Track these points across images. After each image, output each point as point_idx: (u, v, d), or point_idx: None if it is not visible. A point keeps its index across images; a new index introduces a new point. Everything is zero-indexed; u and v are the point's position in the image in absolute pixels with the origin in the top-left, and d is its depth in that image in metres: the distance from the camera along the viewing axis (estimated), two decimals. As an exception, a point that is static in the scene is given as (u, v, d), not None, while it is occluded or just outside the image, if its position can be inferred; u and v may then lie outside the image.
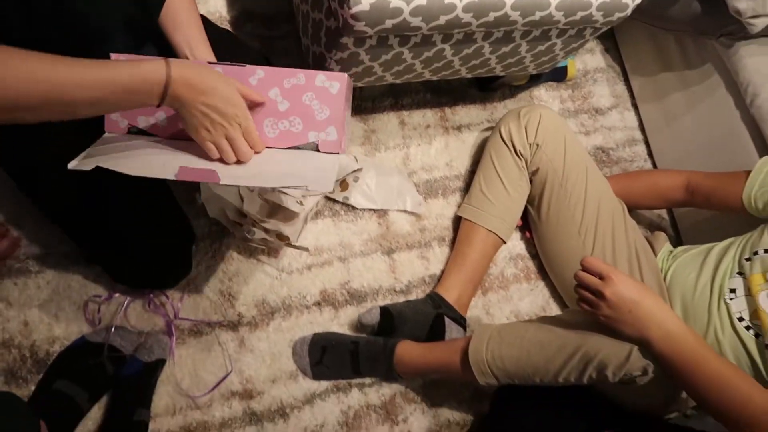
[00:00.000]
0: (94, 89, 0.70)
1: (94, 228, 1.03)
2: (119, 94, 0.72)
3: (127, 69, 0.72)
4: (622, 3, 1.17)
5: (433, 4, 1.01)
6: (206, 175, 0.81)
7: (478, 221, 1.39)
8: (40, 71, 0.66)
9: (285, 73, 0.90)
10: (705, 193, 1.34)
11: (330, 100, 0.90)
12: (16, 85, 0.64)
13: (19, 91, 0.65)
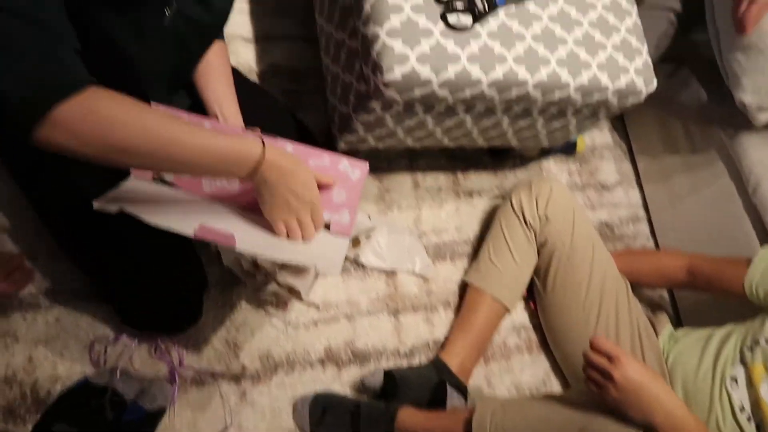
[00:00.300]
0: (194, 152, 0.73)
1: (109, 267, 1.04)
2: (213, 162, 0.75)
3: (227, 141, 0.76)
4: (637, 90, 1.22)
5: (460, 77, 1.05)
6: (224, 239, 0.82)
7: (485, 288, 1.40)
8: (156, 125, 0.70)
9: (312, 153, 0.93)
10: (706, 276, 1.36)
11: (348, 185, 0.94)
12: (134, 133, 0.68)
13: (133, 139, 0.68)
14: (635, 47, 1.23)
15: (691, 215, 1.64)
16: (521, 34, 1.11)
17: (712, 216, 1.59)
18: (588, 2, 1.21)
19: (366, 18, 1.04)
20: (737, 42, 1.33)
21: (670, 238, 1.71)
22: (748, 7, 1.23)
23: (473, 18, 1.07)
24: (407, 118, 1.17)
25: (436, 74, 1.03)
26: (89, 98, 0.65)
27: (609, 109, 1.29)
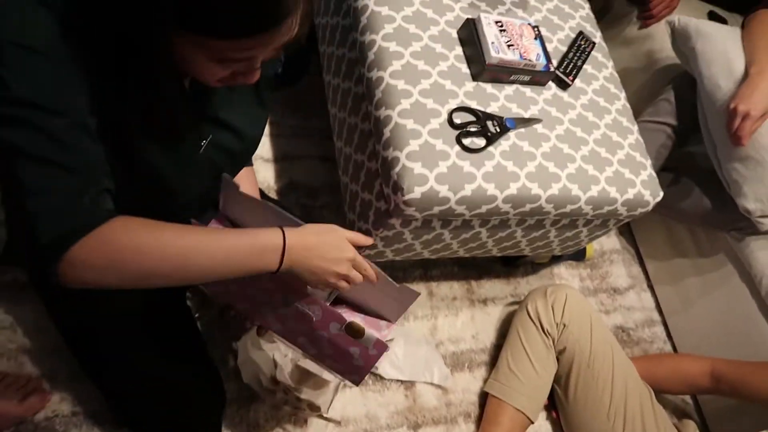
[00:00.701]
0: (218, 256, 0.74)
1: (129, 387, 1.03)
2: (240, 261, 0.76)
3: (248, 237, 0.77)
4: (644, 200, 1.28)
5: (476, 195, 1.10)
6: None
7: (506, 399, 1.38)
8: (173, 241, 0.71)
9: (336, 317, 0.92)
10: (731, 382, 1.35)
11: (367, 359, 0.92)
12: (152, 255, 0.69)
13: (152, 262, 0.69)
14: (639, 161, 1.30)
15: (705, 317, 1.65)
16: (532, 154, 1.17)
17: (726, 318, 1.59)
18: (591, 122, 1.28)
19: (386, 143, 1.11)
20: (735, 153, 1.40)
21: (687, 340, 1.70)
22: (742, 123, 1.31)
23: (486, 140, 1.13)
24: (425, 233, 1.21)
25: (454, 193, 1.08)
26: (103, 232, 0.67)
27: (618, 219, 1.33)
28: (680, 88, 1.63)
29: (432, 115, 1.13)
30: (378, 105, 1.15)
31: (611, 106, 1.34)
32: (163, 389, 1.03)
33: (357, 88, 1.26)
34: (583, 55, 1.35)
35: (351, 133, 1.28)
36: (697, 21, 1.51)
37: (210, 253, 0.73)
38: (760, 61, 1.38)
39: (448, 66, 1.20)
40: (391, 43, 1.18)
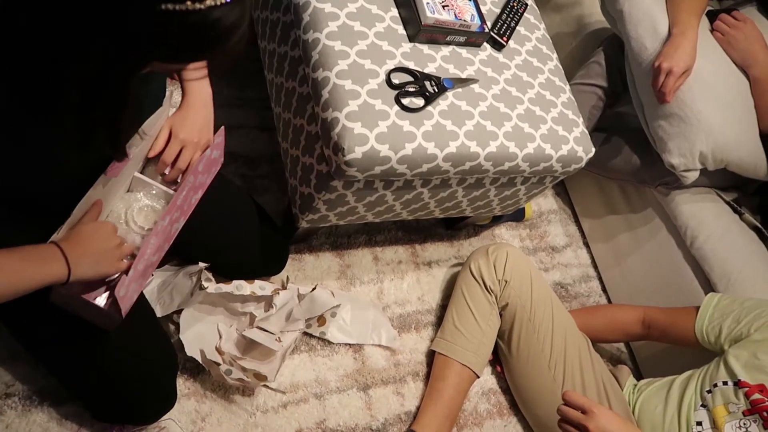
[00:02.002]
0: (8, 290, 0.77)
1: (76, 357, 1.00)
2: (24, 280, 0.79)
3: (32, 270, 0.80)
4: (578, 156, 1.32)
5: (417, 154, 1.11)
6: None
7: (452, 355, 1.41)
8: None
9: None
10: (660, 327, 1.43)
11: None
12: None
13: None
14: (572, 119, 1.34)
15: (637, 270, 1.74)
16: (470, 113, 1.19)
17: (656, 269, 1.68)
18: (525, 81, 1.31)
19: (325, 104, 1.10)
20: (660, 111, 1.46)
21: (621, 293, 1.79)
22: (666, 79, 1.37)
23: (425, 100, 1.14)
24: (368, 195, 1.22)
25: (395, 152, 1.09)
26: None
27: (554, 176, 1.38)
28: (609, 50, 1.69)
29: (370, 75, 1.13)
30: (315, 66, 1.13)
31: (544, 66, 1.37)
32: (113, 358, 1.00)
33: (294, 51, 1.24)
34: (516, 17, 1.38)
35: (289, 98, 1.26)
36: (624, -17, 1.56)
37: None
38: (682, 22, 1.44)
39: (384, 27, 1.20)
40: (326, 4, 1.17)
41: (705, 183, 1.59)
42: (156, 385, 1.07)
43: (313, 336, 1.39)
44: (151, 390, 1.06)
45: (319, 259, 1.50)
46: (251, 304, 1.30)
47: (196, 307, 1.25)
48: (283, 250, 1.37)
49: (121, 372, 1.01)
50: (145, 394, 1.06)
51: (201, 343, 1.23)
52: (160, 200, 1.06)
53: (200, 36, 0.60)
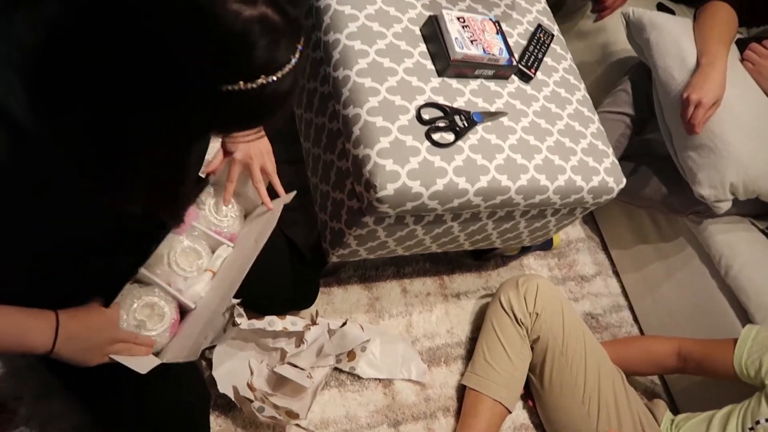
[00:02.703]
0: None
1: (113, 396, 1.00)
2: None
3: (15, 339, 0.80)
4: (609, 187, 1.31)
5: (448, 189, 1.11)
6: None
7: (483, 390, 1.39)
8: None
9: None
10: (696, 360, 1.40)
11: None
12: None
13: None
14: (602, 149, 1.33)
15: (669, 300, 1.70)
16: (500, 146, 1.19)
17: (689, 299, 1.64)
18: (554, 113, 1.31)
19: (356, 141, 1.10)
20: (689, 141, 1.45)
21: (653, 323, 1.76)
22: (695, 111, 1.36)
23: (455, 135, 1.15)
24: (398, 229, 1.21)
25: (426, 188, 1.09)
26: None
27: (585, 207, 1.36)
28: (636, 78, 1.68)
29: (400, 111, 1.13)
30: (346, 103, 1.14)
31: (572, 97, 1.37)
32: (147, 395, 1.00)
33: (323, 87, 1.25)
34: (543, 48, 1.38)
35: (319, 134, 1.27)
36: (650, 13, 1.56)
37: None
38: (711, 52, 1.43)
39: (413, 63, 1.21)
40: (355, 41, 1.18)
41: (738, 211, 1.56)
42: (190, 424, 1.07)
43: (342, 371, 1.38)
44: (185, 429, 1.06)
45: (348, 293, 1.49)
46: (282, 339, 1.30)
47: (228, 343, 1.25)
48: (313, 285, 1.37)
49: (156, 412, 1.01)
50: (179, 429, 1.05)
51: (233, 379, 1.23)
52: (201, 241, 1.07)
53: (252, 111, 0.61)
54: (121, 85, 0.57)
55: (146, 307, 0.97)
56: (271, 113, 0.63)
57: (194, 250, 1.05)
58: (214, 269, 1.06)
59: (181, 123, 0.61)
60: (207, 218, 1.09)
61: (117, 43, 0.55)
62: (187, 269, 1.02)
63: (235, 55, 0.56)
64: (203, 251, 1.06)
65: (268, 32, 0.57)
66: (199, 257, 1.05)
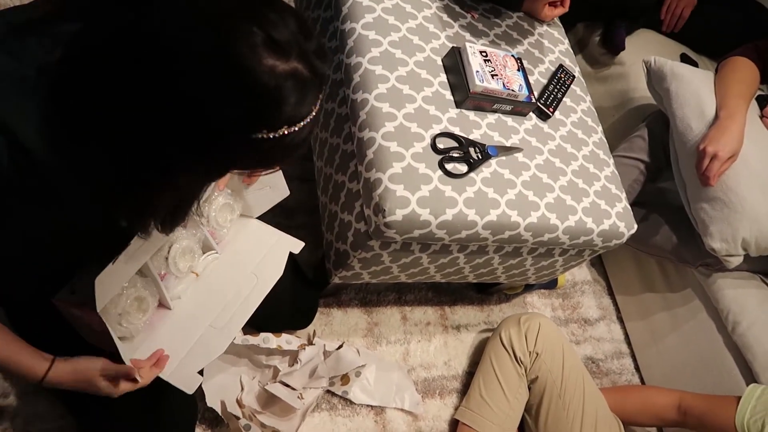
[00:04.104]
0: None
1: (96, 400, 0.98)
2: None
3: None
4: (619, 232, 1.30)
5: (457, 220, 1.10)
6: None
7: (477, 427, 1.36)
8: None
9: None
10: (697, 415, 1.36)
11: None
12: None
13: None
14: (615, 193, 1.32)
15: (673, 351, 1.67)
16: (512, 182, 1.18)
17: (694, 352, 1.61)
18: (570, 153, 1.31)
19: (369, 164, 1.10)
20: (703, 193, 1.43)
21: (655, 374, 1.72)
22: (711, 163, 1.35)
23: (468, 166, 1.14)
24: (403, 256, 1.20)
25: (435, 217, 1.08)
26: None
27: (593, 250, 1.35)
28: (654, 126, 1.68)
29: (416, 139, 1.13)
30: (362, 126, 1.15)
31: (589, 139, 1.37)
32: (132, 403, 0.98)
33: (341, 109, 1.26)
34: (563, 88, 1.38)
35: (332, 154, 1.28)
36: (672, 63, 1.57)
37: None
38: (730, 106, 1.43)
39: (432, 92, 1.21)
40: (377, 66, 1.19)
41: (749, 267, 1.54)
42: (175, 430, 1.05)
43: (335, 394, 1.36)
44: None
45: (347, 315, 1.48)
46: (276, 357, 1.28)
47: (221, 356, 1.23)
48: (312, 304, 1.36)
49: (140, 419, 0.99)
50: None
51: (222, 393, 1.21)
52: (198, 243, 1.06)
53: (271, 156, 0.64)
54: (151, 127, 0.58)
55: (136, 300, 0.95)
56: (288, 158, 0.65)
57: (191, 251, 1.04)
58: (197, 271, 1.05)
59: (206, 164, 0.63)
60: (211, 220, 1.08)
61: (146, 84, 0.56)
62: (182, 269, 1.02)
63: (267, 108, 0.58)
64: (197, 253, 1.05)
65: (299, 88, 0.59)
66: (192, 259, 1.04)
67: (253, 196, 1.13)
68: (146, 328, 0.99)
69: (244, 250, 1.12)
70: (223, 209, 1.07)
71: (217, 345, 0.98)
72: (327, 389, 1.34)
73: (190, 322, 1.01)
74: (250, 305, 1.03)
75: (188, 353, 0.96)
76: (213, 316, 1.01)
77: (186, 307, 1.03)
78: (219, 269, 1.08)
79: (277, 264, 1.09)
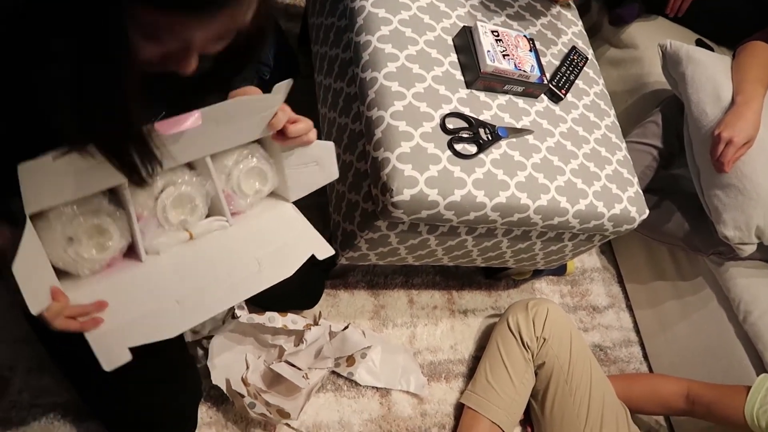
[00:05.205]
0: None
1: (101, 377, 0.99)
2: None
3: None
4: (630, 217, 1.28)
5: (465, 201, 1.09)
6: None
7: (482, 411, 1.36)
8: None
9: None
10: (706, 404, 1.35)
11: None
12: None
13: None
14: (626, 178, 1.30)
15: (683, 340, 1.65)
16: (522, 164, 1.17)
17: (703, 341, 1.60)
18: (581, 136, 1.29)
19: (377, 143, 1.09)
20: (717, 180, 1.41)
21: (663, 362, 1.71)
22: (725, 149, 1.32)
23: (478, 147, 1.13)
24: (411, 237, 1.19)
25: (443, 197, 1.07)
26: None
27: (604, 235, 1.33)
28: (668, 112, 1.65)
29: (425, 118, 1.12)
30: (370, 105, 1.13)
31: (601, 122, 1.35)
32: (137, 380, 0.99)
33: (349, 88, 1.24)
34: (576, 70, 1.36)
35: (341, 134, 1.26)
36: (688, 46, 1.54)
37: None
38: (747, 91, 1.40)
39: (442, 71, 1.20)
40: (386, 45, 1.17)
41: (762, 256, 1.52)
42: (178, 412, 1.05)
43: (340, 375, 1.36)
44: (172, 417, 1.04)
45: (354, 297, 1.47)
46: (282, 337, 1.28)
47: (227, 335, 1.23)
48: (319, 285, 1.35)
49: (144, 396, 1.00)
50: (166, 421, 1.04)
51: (227, 372, 1.21)
52: (203, 196, 0.88)
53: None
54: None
55: (95, 230, 0.77)
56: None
57: (191, 204, 0.85)
58: (192, 232, 0.86)
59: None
60: (232, 180, 0.89)
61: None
62: (171, 220, 0.83)
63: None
64: (200, 207, 0.86)
65: None
66: (191, 212, 0.85)
67: (294, 172, 0.94)
68: (101, 273, 0.80)
69: (262, 231, 0.92)
70: (251, 174, 0.89)
71: (171, 326, 0.77)
72: (332, 370, 1.34)
73: (156, 286, 0.81)
74: (234, 295, 0.83)
75: (132, 322, 0.76)
76: (185, 292, 0.80)
77: (161, 267, 0.82)
78: (220, 241, 0.88)
79: (291, 261, 0.89)
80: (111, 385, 0.98)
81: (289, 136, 0.87)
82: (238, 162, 0.88)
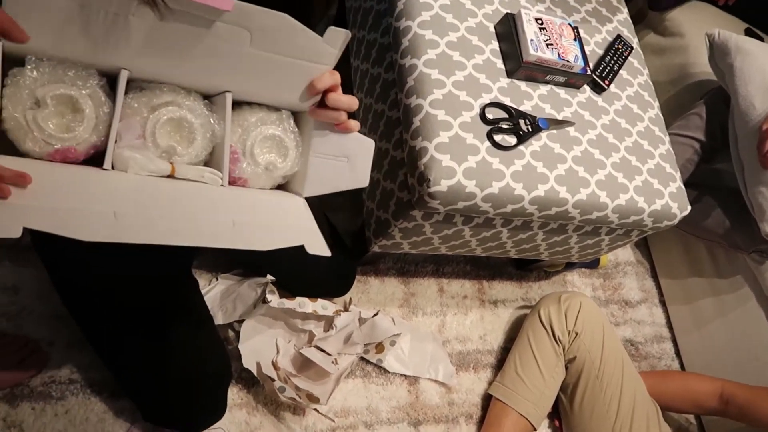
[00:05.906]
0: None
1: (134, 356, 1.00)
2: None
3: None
4: (671, 213, 1.24)
5: (503, 193, 1.07)
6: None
7: (510, 403, 1.35)
8: None
9: None
10: (739, 405, 1.32)
11: None
12: None
13: None
14: (669, 173, 1.27)
15: (717, 339, 1.62)
16: (563, 156, 1.14)
17: (739, 341, 1.56)
18: (624, 128, 1.25)
19: (415, 132, 1.08)
20: (762, 176, 1.36)
21: (696, 360, 1.68)
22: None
23: (518, 139, 1.10)
24: (445, 227, 1.18)
25: (481, 189, 1.05)
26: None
27: (642, 230, 1.30)
28: (712, 104, 1.60)
29: (464, 108, 1.10)
30: (409, 93, 1.11)
31: (644, 114, 1.31)
32: (169, 361, 1.00)
33: (387, 74, 1.23)
34: (620, 60, 1.32)
35: (377, 120, 1.25)
36: (737, 36, 1.48)
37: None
38: None
39: (483, 60, 1.17)
40: (427, 31, 1.15)
41: (806, 256, 1.47)
42: (208, 394, 1.07)
43: (369, 362, 1.36)
44: (202, 399, 1.05)
45: (384, 284, 1.47)
46: (311, 322, 1.29)
47: (258, 319, 1.24)
48: (350, 272, 1.35)
49: (175, 378, 1.01)
50: (196, 403, 1.05)
51: (258, 355, 1.22)
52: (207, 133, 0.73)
53: None
54: None
55: (64, 100, 0.64)
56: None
57: (190, 131, 0.71)
58: (177, 170, 0.71)
59: None
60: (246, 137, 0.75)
61: None
62: (158, 138, 0.69)
63: None
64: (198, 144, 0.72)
65: None
66: (184, 145, 0.71)
67: (320, 161, 0.80)
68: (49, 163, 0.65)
69: (255, 205, 0.75)
70: (271, 142, 0.76)
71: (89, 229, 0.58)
72: (361, 357, 1.35)
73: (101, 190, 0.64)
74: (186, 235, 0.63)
75: (49, 209, 0.58)
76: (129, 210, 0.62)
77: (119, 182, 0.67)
78: (202, 192, 0.71)
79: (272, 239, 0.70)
80: (142, 366, 1.00)
81: (329, 105, 0.74)
82: (261, 122, 0.76)
